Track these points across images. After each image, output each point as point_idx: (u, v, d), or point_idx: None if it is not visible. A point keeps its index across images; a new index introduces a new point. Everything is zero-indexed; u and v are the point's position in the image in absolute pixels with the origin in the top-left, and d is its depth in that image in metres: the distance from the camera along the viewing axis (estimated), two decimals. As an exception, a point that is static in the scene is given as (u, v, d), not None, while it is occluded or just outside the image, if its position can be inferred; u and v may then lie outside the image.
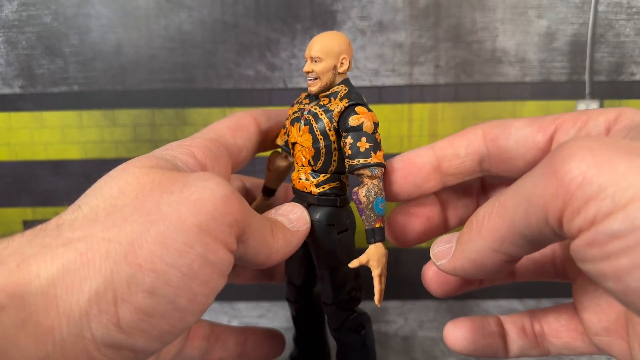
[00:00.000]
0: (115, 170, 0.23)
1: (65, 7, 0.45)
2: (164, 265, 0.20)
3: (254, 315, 0.49)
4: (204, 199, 0.21)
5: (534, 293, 0.51)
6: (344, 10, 0.45)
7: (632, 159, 0.16)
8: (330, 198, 0.30)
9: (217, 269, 0.21)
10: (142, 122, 0.48)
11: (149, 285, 0.19)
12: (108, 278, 0.19)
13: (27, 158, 0.49)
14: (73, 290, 0.19)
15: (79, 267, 0.19)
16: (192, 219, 0.20)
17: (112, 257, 0.19)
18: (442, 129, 0.47)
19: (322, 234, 0.30)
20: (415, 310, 0.50)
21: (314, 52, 0.29)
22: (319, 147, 0.29)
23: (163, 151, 0.26)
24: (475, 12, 0.45)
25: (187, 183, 0.22)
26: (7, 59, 0.46)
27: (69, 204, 0.24)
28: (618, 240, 0.16)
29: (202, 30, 0.45)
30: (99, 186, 0.23)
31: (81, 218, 0.21)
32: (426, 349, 0.43)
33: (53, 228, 0.21)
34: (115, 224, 0.20)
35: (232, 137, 0.30)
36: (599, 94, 0.46)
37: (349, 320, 0.32)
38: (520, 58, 0.45)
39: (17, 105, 0.47)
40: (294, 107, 0.32)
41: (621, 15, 0.44)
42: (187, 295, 0.21)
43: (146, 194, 0.21)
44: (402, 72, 0.46)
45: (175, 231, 0.20)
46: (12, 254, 0.19)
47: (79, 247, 0.19)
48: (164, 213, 0.20)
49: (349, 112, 0.28)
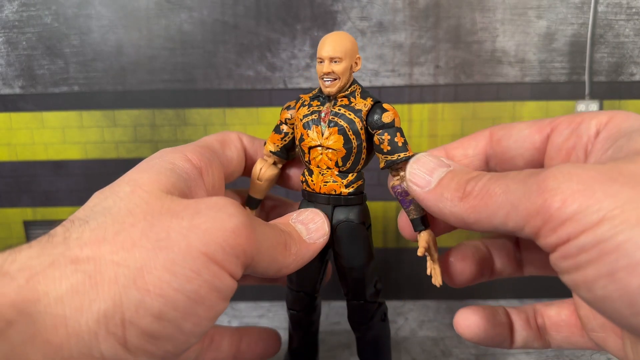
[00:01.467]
0: (124, 191, 0.23)
1: (66, 7, 0.45)
2: (172, 291, 0.20)
3: (254, 315, 0.49)
4: (214, 229, 0.22)
5: (534, 293, 0.51)
6: (344, 10, 0.45)
7: (609, 185, 0.19)
8: (359, 196, 0.31)
9: (222, 294, 0.22)
10: (143, 122, 0.48)
11: (157, 310, 0.20)
12: (117, 301, 0.20)
13: (28, 158, 0.49)
14: (82, 311, 0.19)
15: (88, 290, 0.19)
16: (201, 247, 0.21)
17: (121, 282, 0.20)
18: (442, 129, 0.47)
19: (355, 232, 0.31)
20: (415, 310, 0.50)
21: (335, 53, 0.29)
22: (351, 147, 0.30)
23: (160, 159, 0.26)
24: (475, 12, 0.45)
25: (198, 211, 0.22)
26: (8, 60, 0.46)
27: (69, 204, 0.24)
28: (585, 253, 0.19)
29: (203, 31, 0.45)
30: (108, 205, 0.23)
31: (89, 233, 0.21)
32: (426, 349, 0.43)
33: (60, 241, 0.21)
34: (123, 247, 0.21)
35: (221, 148, 0.31)
36: (598, 95, 0.46)
37: (377, 312, 0.33)
38: (520, 58, 0.46)
39: (17, 106, 0.47)
40: (302, 110, 0.31)
41: (621, 16, 0.44)
42: (192, 320, 0.21)
43: (155, 217, 0.22)
44: (402, 73, 0.46)
45: (184, 258, 0.21)
46: (21, 269, 0.19)
47: (88, 269, 0.20)
48: (173, 239, 0.21)
49: (378, 110, 0.29)
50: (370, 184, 0.33)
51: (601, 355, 0.42)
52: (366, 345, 0.34)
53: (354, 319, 0.33)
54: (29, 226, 0.51)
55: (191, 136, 0.48)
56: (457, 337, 0.45)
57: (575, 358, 0.41)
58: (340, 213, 0.30)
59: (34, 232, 0.51)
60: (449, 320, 0.48)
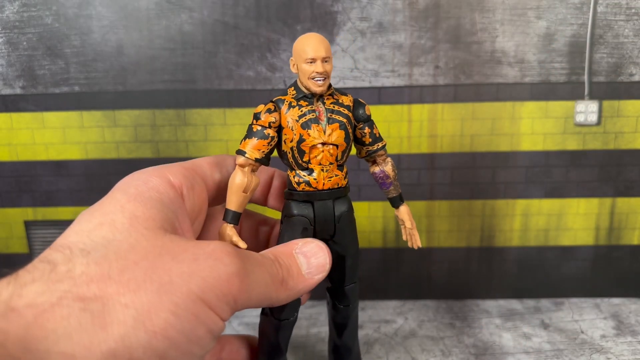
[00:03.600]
0: (121, 223, 0.24)
1: (67, 8, 0.45)
2: (176, 333, 0.22)
3: (254, 315, 0.49)
4: (210, 277, 0.23)
5: (534, 293, 0.51)
6: (344, 11, 0.45)
7: None
8: (348, 187, 0.33)
9: (213, 335, 0.24)
10: (143, 122, 0.48)
11: (162, 350, 0.21)
12: (126, 342, 0.20)
13: (29, 158, 0.49)
14: (91, 350, 0.20)
15: (97, 329, 0.20)
16: (199, 293, 0.23)
17: (129, 324, 0.21)
18: (442, 129, 0.48)
19: (352, 220, 0.33)
20: (415, 310, 0.50)
21: (326, 52, 0.30)
22: (349, 140, 0.32)
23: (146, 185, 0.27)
24: (474, 13, 0.45)
25: (197, 257, 0.24)
26: (9, 60, 0.46)
27: (70, 204, 0.25)
28: None
29: (203, 31, 0.46)
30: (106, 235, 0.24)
31: (94, 268, 0.22)
32: (426, 349, 0.43)
33: (64, 275, 0.21)
34: (129, 289, 0.21)
35: (210, 170, 0.31)
36: (598, 95, 0.46)
37: (356, 291, 0.35)
38: (520, 59, 0.46)
39: (18, 106, 0.47)
40: (292, 111, 0.30)
41: (620, 16, 0.45)
42: (188, 358, 0.23)
43: (157, 258, 0.23)
44: (402, 73, 0.46)
45: (185, 303, 0.22)
46: (28, 305, 0.20)
47: (96, 308, 0.20)
48: (176, 284, 0.22)
49: (360, 105, 0.32)
50: (371, 184, 0.34)
51: (600, 355, 0.42)
52: (347, 323, 0.36)
53: (345, 302, 0.35)
54: (29, 226, 0.51)
55: (191, 136, 0.48)
56: (457, 337, 0.45)
57: (575, 358, 0.41)
58: (341, 204, 0.32)
59: (34, 232, 0.51)
60: (448, 320, 0.48)
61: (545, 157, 0.48)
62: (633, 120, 0.47)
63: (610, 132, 0.47)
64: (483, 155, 0.48)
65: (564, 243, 0.50)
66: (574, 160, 0.48)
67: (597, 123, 0.47)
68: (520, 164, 0.48)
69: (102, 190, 0.27)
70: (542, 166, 0.48)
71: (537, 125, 0.47)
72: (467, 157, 0.48)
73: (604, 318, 0.48)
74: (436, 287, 0.51)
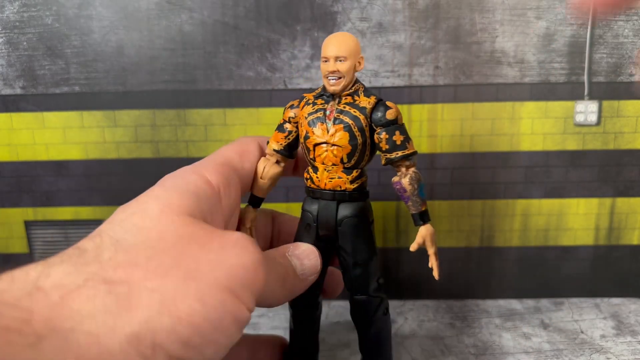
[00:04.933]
0: (152, 210, 0.25)
1: (67, 8, 0.45)
2: (200, 319, 0.22)
3: (254, 315, 0.49)
4: (237, 266, 0.24)
5: (534, 293, 0.51)
6: (344, 11, 0.45)
7: None
8: (363, 192, 0.32)
9: (240, 325, 0.24)
10: (143, 122, 0.48)
11: (186, 336, 0.21)
12: (150, 325, 0.21)
13: (29, 158, 0.49)
14: (115, 331, 0.20)
15: (122, 312, 0.20)
16: (226, 282, 0.23)
17: (154, 308, 0.21)
18: (442, 129, 0.48)
19: (359, 227, 0.31)
20: (415, 309, 0.50)
21: (340, 52, 0.30)
22: (357, 143, 0.30)
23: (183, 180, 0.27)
24: (474, 13, 0.45)
25: (223, 245, 0.24)
26: (9, 60, 0.46)
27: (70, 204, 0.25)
28: None
29: (203, 32, 0.46)
30: (136, 223, 0.24)
31: (122, 255, 0.22)
32: (426, 349, 0.43)
33: (92, 259, 0.22)
34: (156, 274, 0.22)
35: (241, 161, 0.32)
36: (597, 95, 0.46)
37: (380, 307, 0.33)
38: (519, 59, 0.46)
39: (18, 106, 0.48)
40: (306, 108, 0.31)
41: (620, 16, 0.45)
42: (213, 347, 0.23)
43: (184, 246, 0.23)
44: (402, 73, 0.46)
45: (211, 290, 0.23)
46: (55, 285, 0.20)
47: (121, 291, 0.21)
48: (203, 272, 0.23)
49: (382, 108, 0.31)
50: (371, 184, 0.34)
51: (600, 355, 0.42)
52: (368, 341, 0.34)
53: (357, 314, 0.34)
54: (29, 226, 0.51)
55: (192, 136, 0.48)
56: (456, 337, 0.45)
57: (575, 358, 0.41)
58: (345, 209, 0.31)
59: (34, 232, 0.51)
60: (448, 320, 0.48)
61: (545, 157, 0.48)
62: (633, 120, 0.47)
63: (610, 132, 0.47)
64: (483, 155, 0.48)
65: (564, 243, 0.50)
66: (574, 160, 0.48)
67: (597, 123, 0.47)
68: (520, 164, 0.48)
69: (102, 191, 0.27)
70: (541, 166, 0.48)
71: (536, 125, 0.47)
72: (467, 157, 0.48)
73: (604, 318, 0.48)
74: (436, 287, 0.51)
